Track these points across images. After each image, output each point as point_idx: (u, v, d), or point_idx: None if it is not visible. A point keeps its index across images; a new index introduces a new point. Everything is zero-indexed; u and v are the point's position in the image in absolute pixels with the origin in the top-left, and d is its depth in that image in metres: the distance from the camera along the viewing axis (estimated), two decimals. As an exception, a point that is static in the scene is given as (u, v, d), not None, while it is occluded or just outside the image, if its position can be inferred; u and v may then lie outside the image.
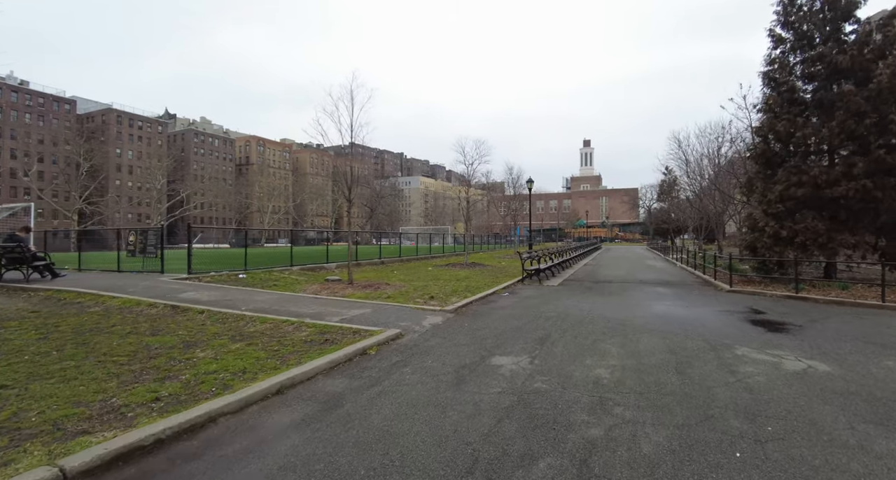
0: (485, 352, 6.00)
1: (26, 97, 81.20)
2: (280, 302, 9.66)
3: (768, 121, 13.69)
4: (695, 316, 8.90)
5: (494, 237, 65.53)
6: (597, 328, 7.57)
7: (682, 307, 10.04)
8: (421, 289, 12.37)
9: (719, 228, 28.23)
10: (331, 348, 6.17)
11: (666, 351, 6.01)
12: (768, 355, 5.82)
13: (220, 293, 10.78)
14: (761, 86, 14.74)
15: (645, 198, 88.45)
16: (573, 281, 15.58)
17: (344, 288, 12.51)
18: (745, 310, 9.53)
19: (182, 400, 4.34)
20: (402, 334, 7.08)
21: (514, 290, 12.93)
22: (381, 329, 7.21)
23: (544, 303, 10.35)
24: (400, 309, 9.03)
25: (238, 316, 8.29)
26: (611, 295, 11.86)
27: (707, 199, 28.50)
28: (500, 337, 6.92)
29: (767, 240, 13.28)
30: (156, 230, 14.57)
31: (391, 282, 14.21)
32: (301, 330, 7.26)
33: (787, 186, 12.99)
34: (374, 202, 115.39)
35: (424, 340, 6.75)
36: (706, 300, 11.21)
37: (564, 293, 12.36)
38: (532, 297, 11.45)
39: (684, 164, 29.57)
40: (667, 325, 7.85)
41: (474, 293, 11.70)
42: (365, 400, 4.39)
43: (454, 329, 7.51)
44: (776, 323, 8.08)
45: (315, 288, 12.72)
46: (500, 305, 10.15)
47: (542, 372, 5.13)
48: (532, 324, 7.87)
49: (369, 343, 6.43)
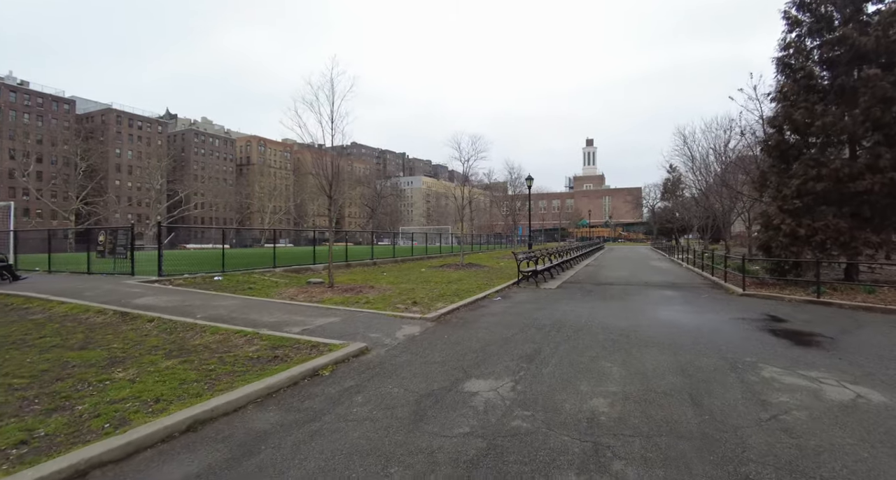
0: (460, 373, 5.00)
1: (25, 97, 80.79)
2: (243, 309, 8.69)
3: (783, 110, 12.63)
4: (707, 324, 7.86)
5: (496, 237, 64.56)
6: (596, 340, 6.55)
7: (692, 313, 9.00)
8: (406, 293, 11.39)
9: (726, 227, 27.11)
10: (277, 367, 5.19)
11: (677, 372, 4.99)
12: (803, 378, 4.79)
13: (181, 298, 9.82)
14: (774, 74, 13.68)
15: (648, 197, 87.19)
16: (573, 284, 14.55)
17: (323, 292, 11.54)
18: (763, 318, 8.49)
19: (56, 443, 3.37)
20: (367, 349, 6.09)
21: (508, 294, 11.92)
22: (344, 342, 6.22)
23: (539, 309, 9.34)
24: (375, 317, 8.04)
25: (189, 325, 7.32)
26: (613, 300, 10.83)
27: (713, 197, 27.39)
28: (483, 352, 5.92)
29: (783, 239, 12.21)
30: (126, 230, 13.64)
31: (377, 285, 13.23)
32: (252, 344, 6.29)
33: (804, 180, 11.92)
34: (375, 202, 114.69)
35: (392, 357, 5.75)
36: (717, 305, 10.16)
37: (562, 297, 11.34)
38: (526, 302, 10.43)
39: (690, 161, 28.47)
40: (676, 336, 6.83)
41: (463, 297, 10.70)
42: (291, 444, 3.40)
43: (431, 342, 6.51)
44: (802, 335, 7.03)
45: (292, 291, 11.76)
46: (490, 311, 9.15)
47: (524, 402, 4.13)
48: (522, 335, 6.86)
49: (325, 361, 5.44)
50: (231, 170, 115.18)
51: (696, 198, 31.20)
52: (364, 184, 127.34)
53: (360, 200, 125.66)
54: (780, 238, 12.31)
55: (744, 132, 15.89)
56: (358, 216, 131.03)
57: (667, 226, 61.78)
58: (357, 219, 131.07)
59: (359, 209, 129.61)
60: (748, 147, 16.86)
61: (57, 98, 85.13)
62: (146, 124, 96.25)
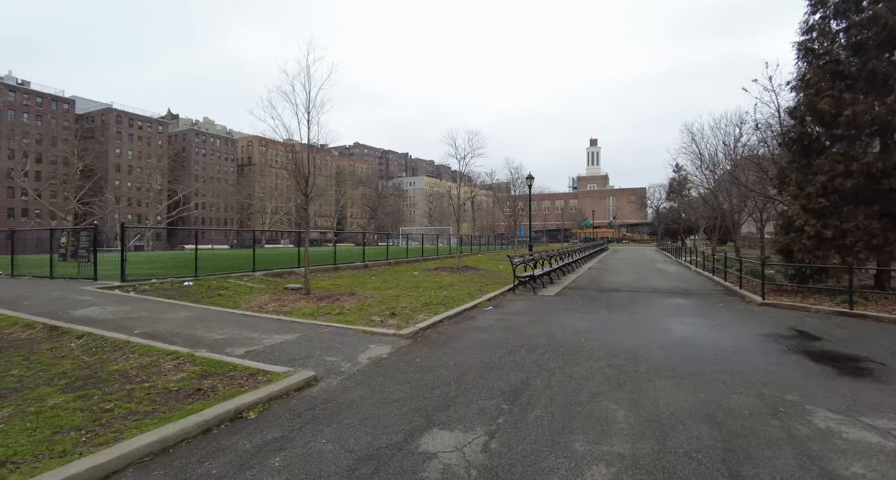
0: (421, 420, 3.88)
1: (24, 96, 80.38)
2: (194, 322, 7.60)
3: (806, 99, 11.42)
4: (728, 343, 6.70)
5: (498, 238, 63.39)
6: (597, 366, 5.40)
7: (710, 327, 7.83)
8: (388, 301, 10.27)
9: (736, 228, 25.84)
10: (191, 407, 4.09)
11: (701, 418, 3.85)
12: (871, 430, 3.63)
13: (131, 308, 8.75)
14: (795, 60, 12.48)
15: (653, 197, 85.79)
16: (574, 290, 13.39)
17: (297, 300, 10.44)
18: (792, 334, 7.31)
19: None
20: (316, 379, 4.97)
21: (501, 303, 10.78)
22: (289, 370, 5.11)
23: (533, 322, 8.19)
24: (341, 334, 6.92)
25: (120, 343, 6.24)
26: (618, 310, 9.67)
27: (722, 196, 26.13)
28: (458, 384, 4.79)
29: (807, 241, 11.01)
30: (88, 231, 12.60)
31: (360, 291, 12.13)
32: (180, 370, 5.19)
33: (831, 177, 10.72)
34: (376, 202, 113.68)
35: (343, 391, 4.64)
36: (736, 317, 8.98)
37: (561, 306, 10.19)
38: (520, 313, 9.29)
39: (698, 159, 27.20)
40: (694, 360, 5.67)
41: (450, 306, 9.58)
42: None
43: (398, 368, 5.38)
44: (846, 359, 5.86)
45: (263, 299, 10.67)
46: (477, 325, 8.01)
47: (497, 473, 3.00)
48: (509, 360, 5.72)
49: (255, 398, 4.33)
50: (232, 170, 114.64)
51: (704, 198, 29.93)
52: (365, 185, 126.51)
53: (361, 200, 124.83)
54: (804, 240, 11.11)
55: (759, 125, 14.68)
56: (359, 216, 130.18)
57: (672, 227, 60.45)
58: (359, 220, 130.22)
59: (360, 209, 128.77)
60: (763, 142, 15.66)
61: (56, 97, 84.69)
62: (146, 124, 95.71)
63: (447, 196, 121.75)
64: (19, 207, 78.96)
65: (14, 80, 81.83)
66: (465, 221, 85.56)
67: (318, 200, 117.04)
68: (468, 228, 73.38)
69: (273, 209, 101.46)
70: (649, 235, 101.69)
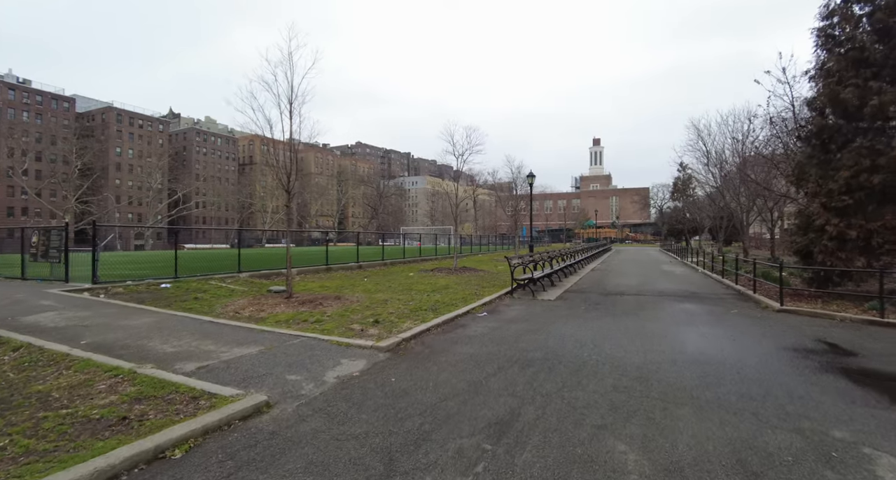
0: (379, 466, 3.10)
1: (24, 95, 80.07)
2: (153, 331, 6.85)
3: (828, 89, 10.58)
4: (750, 358, 5.89)
5: (500, 238, 62.57)
6: (602, 389, 4.61)
7: (727, 339, 7.02)
8: (375, 306, 9.50)
9: (744, 228, 24.95)
10: (106, 442, 3.34)
11: (734, 468, 3.06)
12: (954, 486, 2.83)
13: (89, 314, 8.00)
14: (813, 48, 11.62)
15: (657, 197, 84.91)
16: (576, 293, 12.58)
17: (276, 305, 9.69)
18: (822, 348, 6.50)
19: None
20: (268, 405, 4.20)
21: (497, 308, 9.99)
22: (240, 393, 4.35)
23: (530, 332, 7.40)
24: (311, 347, 6.15)
25: (59, 356, 5.49)
26: (623, 317, 8.86)
27: (730, 195, 25.26)
28: (433, 414, 4.01)
29: (829, 242, 10.18)
30: (59, 230, 11.88)
31: (347, 295, 11.37)
32: (114, 391, 4.45)
33: (855, 172, 9.88)
34: (377, 202, 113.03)
35: (296, 422, 3.86)
36: (754, 325, 8.16)
37: (561, 312, 9.39)
38: (516, 320, 8.49)
39: (704, 157, 26.32)
40: (714, 381, 4.87)
41: (441, 312, 8.80)
42: None
43: (366, 391, 4.60)
44: (893, 380, 5.05)
45: (241, 303, 9.92)
46: (468, 334, 7.23)
47: (467, 554, 2.22)
48: (499, 380, 4.94)
49: (188, 430, 3.56)
50: (233, 169, 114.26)
51: (710, 197, 29.02)
52: (366, 184, 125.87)
53: (363, 200, 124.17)
54: (825, 241, 10.28)
55: (773, 119, 13.82)
56: (361, 216, 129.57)
57: (677, 227, 59.48)
58: (360, 219, 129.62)
59: (362, 209, 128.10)
60: (776, 137, 14.79)
61: (56, 96, 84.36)
62: (147, 123, 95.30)
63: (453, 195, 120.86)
64: (19, 206, 78.73)
65: (14, 79, 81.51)
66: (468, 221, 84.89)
67: (319, 200, 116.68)
68: (470, 228, 72.51)
69: (274, 208, 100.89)
70: (653, 235, 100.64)
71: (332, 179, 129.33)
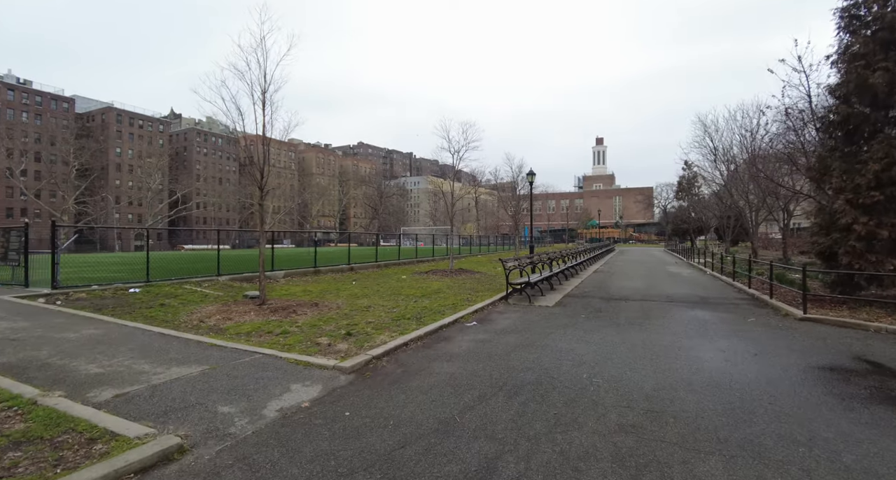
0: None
1: (23, 95, 79.78)
2: (89, 346, 5.98)
3: (855, 73, 9.61)
4: (783, 383, 4.95)
5: (502, 238, 61.61)
6: (603, 429, 3.69)
7: (749, 355, 6.08)
8: (353, 315, 8.61)
9: (754, 227, 23.92)
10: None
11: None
12: None
13: (32, 323, 7.15)
14: (836, 31, 10.63)
15: (660, 197, 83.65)
16: (576, 298, 11.65)
17: (246, 312, 8.82)
18: (865, 368, 5.55)
19: None
20: (181, 450, 3.30)
21: (489, 316, 9.07)
22: (150, 432, 3.45)
23: (522, 346, 6.48)
24: (263, 366, 5.25)
25: (-43, 382, 4.62)
26: (628, 327, 7.93)
27: (738, 193, 24.25)
28: (385, 467, 3.10)
29: (857, 243, 9.20)
30: (18, 231, 11.05)
31: (328, 300, 10.49)
32: (-7, 432, 3.55)
33: (887, 165, 8.91)
34: (377, 202, 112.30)
35: (209, 478, 2.96)
36: (779, 338, 7.22)
37: (560, 320, 8.46)
38: (508, 332, 7.57)
39: (711, 154, 25.30)
40: (744, 417, 3.95)
41: (425, 322, 7.90)
42: None
43: (310, 430, 3.69)
44: (962, 413, 4.10)
45: (209, 310, 9.06)
46: (451, 350, 6.32)
47: None
48: (477, 414, 4.02)
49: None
50: (234, 169, 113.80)
51: (718, 195, 27.98)
52: (367, 184, 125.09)
53: (364, 200, 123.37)
54: (852, 242, 9.30)
55: (788, 110, 12.83)
56: (363, 216, 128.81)
57: (682, 227, 58.37)
58: (362, 220, 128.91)
59: (363, 209, 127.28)
60: (791, 130, 13.81)
61: (56, 96, 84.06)
62: (147, 123, 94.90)
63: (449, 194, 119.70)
64: (18, 207, 78.43)
65: (14, 79, 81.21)
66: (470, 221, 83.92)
67: (320, 200, 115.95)
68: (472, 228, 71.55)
69: (274, 208, 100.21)
70: (657, 235, 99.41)
71: (333, 180, 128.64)
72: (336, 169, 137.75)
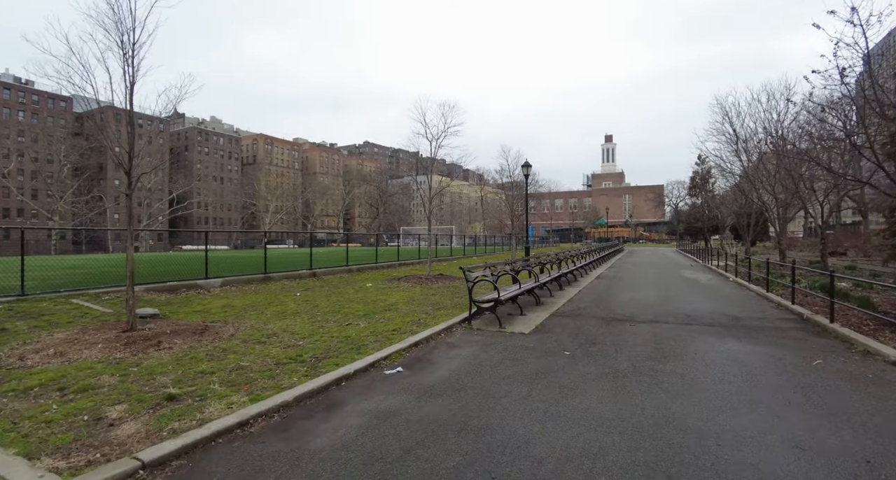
0: None
1: (20, 94, 78.76)
2: None
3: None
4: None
5: (507, 238, 58.71)
6: None
7: (860, 463, 3.30)
8: (238, 349, 5.96)
9: (781, 225, 20.82)
10: None
11: None
12: None
13: None
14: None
15: (672, 195, 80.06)
16: (565, 319, 8.86)
17: (93, 345, 6.31)
18: None
19: None
20: None
21: (429, 353, 6.33)
22: None
23: (445, 430, 3.74)
24: None
25: None
26: (633, 380, 5.15)
27: (762, 185, 21.18)
28: None
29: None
30: None
31: (237, 322, 7.86)
32: None
33: None
34: (378, 201, 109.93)
35: None
36: (883, 408, 4.41)
37: (528, 365, 5.71)
38: (438, 391, 4.82)
39: (731, 142, 22.27)
40: None
41: (321, 369, 5.21)
42: None
43: None
44: None
45: (56, 340, 6.57)
46: (310, 445, 3.61)
47: None
48: None
49: None
50: (236, 168, 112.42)
51: (739, 188, 24.86)
52: (368, 183, 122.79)
53: (366, 199, 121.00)
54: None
55: (844, 71, 9.89)
56: (366, 216, 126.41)
57: (695, 226, 55.00)
58: (365, 219, 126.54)
59: (366, 209, 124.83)
60: (846, 98, 10.85)
61: (54, 95, 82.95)
62: (147, 122, 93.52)
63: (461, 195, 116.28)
64: (15, 207, 77.44)
65: (11, 78, 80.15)
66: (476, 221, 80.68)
67: (323, 199, 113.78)
68: (479, 227, 68.61)
69: (275, 208, 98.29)
70: (668, 235, 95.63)
71: (337, 179, 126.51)
72: (340, 168, 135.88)
